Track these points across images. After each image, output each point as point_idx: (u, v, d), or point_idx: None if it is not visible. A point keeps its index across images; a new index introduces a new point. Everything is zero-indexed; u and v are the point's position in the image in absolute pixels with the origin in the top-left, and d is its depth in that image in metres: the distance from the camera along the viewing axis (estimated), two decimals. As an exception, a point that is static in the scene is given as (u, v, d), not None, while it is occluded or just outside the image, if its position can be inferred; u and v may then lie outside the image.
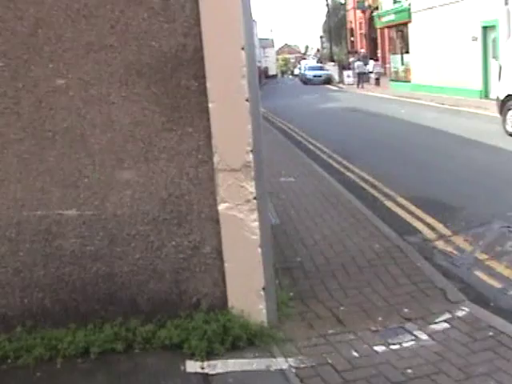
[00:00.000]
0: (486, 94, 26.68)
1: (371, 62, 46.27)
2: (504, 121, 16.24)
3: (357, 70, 46.68)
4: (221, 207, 4.82)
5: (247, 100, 4.63)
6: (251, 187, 4.76)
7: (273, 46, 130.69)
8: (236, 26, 4.57)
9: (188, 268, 4.96)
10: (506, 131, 16.03)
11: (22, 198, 4.85)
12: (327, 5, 71.00)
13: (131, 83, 4.69)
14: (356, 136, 18.04)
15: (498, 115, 16.64)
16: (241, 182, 4.76)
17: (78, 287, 4.98)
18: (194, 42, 4.66)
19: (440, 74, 31.26)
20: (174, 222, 4.88)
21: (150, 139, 4.75)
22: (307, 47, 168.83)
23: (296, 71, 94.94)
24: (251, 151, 4.70)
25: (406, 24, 36.51)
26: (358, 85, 44.87)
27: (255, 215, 4.76)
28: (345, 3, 70.84)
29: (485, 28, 26.78)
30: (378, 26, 43.66)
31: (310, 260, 7.01)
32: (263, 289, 4.94)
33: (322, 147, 16.14)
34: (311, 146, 16.70)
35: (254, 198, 4.78)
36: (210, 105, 4.67)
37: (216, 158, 4.76)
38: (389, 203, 9.82)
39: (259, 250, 4.83)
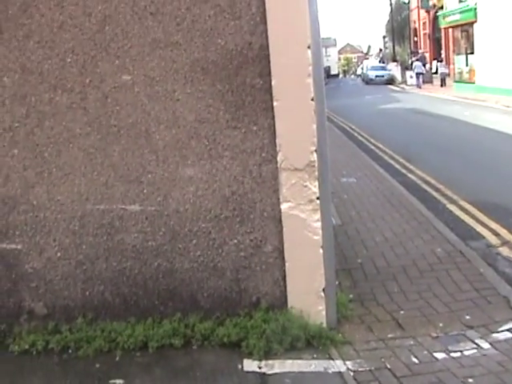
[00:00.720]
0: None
1: (434, 63, 45.96)
2: None
3: (415, 70, 46.60)
4: (283, 206, 4.78)
5: (312, 99, 4.58)
6: (314, 187, 4.71)
7: (335, 46, 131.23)
8: (302, 24, 4.52)
9: (249, 266, 4.94)
10: None
11: (86, 191, 4.90)
12: (390, 4, 70.46)
13: (196, 80, 4.69)
14: (418, 138, 17.73)
15: None
16: (304, 181, 4.71)
17: (139, 282, 5.01)
18: (260, 40, 4.63)
19: (506, 76, 30.58)
20: (236, 220, 4.86)
21: (214, 136, 4.74)
22: (369, 47, 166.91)
23: (358, 71, 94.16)
24: (315, 151, 4.65)
25: (471, 24, 35.76)
26: (416, 85, 44.89)
27: (318, 215, 4.71)
28: (408, 2, 69.64)
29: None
30: (443, 25, 42.99)
31: (370, 262, 6.91)
32: (323, 290, 4.88)
33: (384, 148, 15.94)
34: (372, 147, 16.50)
35: (317, 198, 4.73)
36: (275, 103, 4.63)
37: (280, 157, 4.72)
38: (452, 207, 9.61)
39: (321, 250, 4.77)
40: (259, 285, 4.96)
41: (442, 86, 42.12)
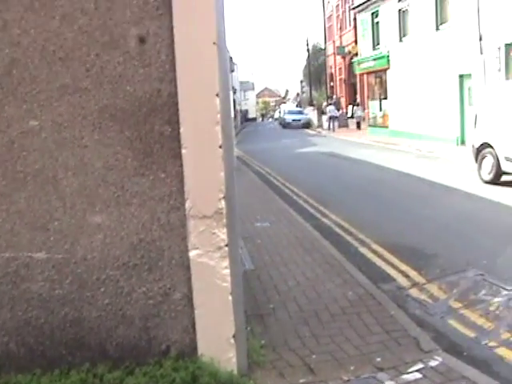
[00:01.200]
0: (462, 141, 27.14)
1: (350, 107, 47.80)
2: (479, 168, 16.47)
3: (328, 114, 50.01)
4: (192, 254, 4.82)
5: (220, 147, 4.67)
6: (223, 234, 4.77)
7: (253, 89, 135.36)
8: (211, 72, 4.63)
9: (158, 314, 4.93)
10: (482, 179, 16.25)
11: (-9, 239, 4.81)
12: (308, 50, 72.90)
13: (105, 127, 4.71)
14: (332, 181, 18.22)
15: (474, 162, 16.86)
16: (212, 228, 4.77)
17: (45, 331, 4.92)
18: (169, 88, 4.71)
19: (417, 121, 31.96)
20: (144, 268, 4.86)
21: (123, 183, 4.76)
22: (287, 91, 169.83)
23: (276, 115, 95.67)
24: (223, 198, 4.73)
25: (384, 71, 37.43)
26: (328, 128, 48.36)
27: (226, 262, 4.77)
28: (325, 49, 71.79)
29: (461, 76, 27.37)
30: (358, 72, 44.27)
31: (282, 307, 7.00)
32: (233, 336, 4.91)
33: (299, 192, 16.26)
34: (287, 191, 16.81)
35: (226, 246, 4.79)
36: (183, 150, 4.71)
37: (188, 204, 4.77)
38: (364, 249, 9.86)
39: (230, 297, 4.82)
40: (168, 333, 4.96)
41: (358, 128, 44.46)
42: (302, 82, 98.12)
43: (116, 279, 4.86)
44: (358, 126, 45.67)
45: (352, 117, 47.89)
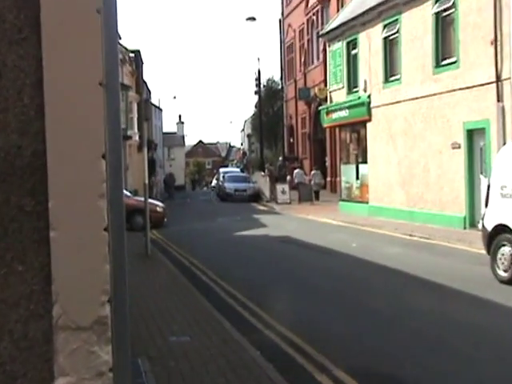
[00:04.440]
0: (471, 222, 27.30)
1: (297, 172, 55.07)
2: (493, 261, 16.20)
3: (296, 180, 53.12)
4: (59, 383, 4.74)
5: (106, 229, 4.64)
6: (106, 354, 4.70)
7: (183, 146, 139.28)
8: (96, 123, 4.57)
9: None
10: (497, 276, 15.94)
11: None
12: (259, 89, 73.75)
13: None
14: (286, 279, 18.30)
15: (486, 253, 16.65)
16: (91, 345, 4.70)
17: None
18: (34, 144, 4.67)
19: (408, 194, 32.06)
20: (-14, 407, 4.76)
21: (-40, 279, 4.69)
22: (230, 149, 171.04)
23: (213, 182, 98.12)
24: (108, 302, 4.66)
25: (363, 123, 37.62)
26: (299, 200, 49.88)
27: (111, 397, 4.69)
28: (282, 89, 72.53)
29: (470, 132, 27.72)
30: (326, 123, 44.38)
31: None
32: None
33: (236, 293, 16.27)
34: (218, 289, 17.00)
35: (110, 370, 4.72)
36: (52, 233, 4.65)
37: (56, 311, 4.70)
38: (323, 378, 9.84)
39: None
40: None
41: (316, 199, 49.90)
42: (249, 136, 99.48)
43: None
44: (317, 196, 50.01)
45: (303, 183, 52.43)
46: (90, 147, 4.58)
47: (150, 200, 34.01)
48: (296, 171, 54.58)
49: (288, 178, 56.19)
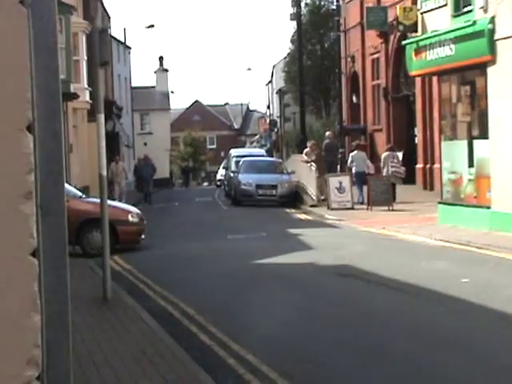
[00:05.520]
0: None
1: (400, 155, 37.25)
2: None
3: (354, 169, 36.10)
4: None
5: (34, 254, 3.20)
6: None
7: (167, 110, 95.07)
8: (13, 72, 3.13)
9: None
10: None
11: None
12: (297, 15, 50.03)
13: None
14: (350, 344, 12.43)
15: None
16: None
17: None
18: None
19: None
20: None
21: None
22: (248, 115, 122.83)
23: (219, 174, 73.19)
24: (38, 380, 3.14)
25: (481, 66, 23.90)
26: (368, 203, 33.41)
27: None
28: (338, 12, 47.52)
29: None
30: (415, 69, 28.88)
31: None
32: None
33: (259, 366, 10.75)
34: (231, 361, 11.14)
35: None
36: None
37: None
38: None
39: None
40: None
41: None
42: (281, 93, 71.17)
43: None
44: (393, 190, 33.53)
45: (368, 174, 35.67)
46: (5, 113, 3.15)
47: (114, 203, 26.26)
48: (353, 154, 36.72)
49: (349, 162, 37.17)
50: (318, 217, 34.38)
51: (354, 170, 36.31)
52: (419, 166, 39.87)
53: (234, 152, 55.69)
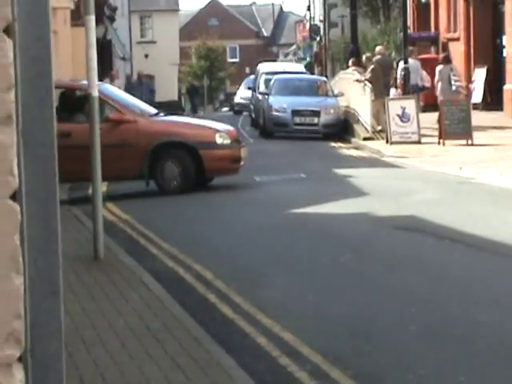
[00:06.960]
0: None
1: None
2: None
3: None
4: None
5: (13, 196, 2.88)
6: None
7: (175, 11, 79.21)
8: None
9: None
10: None
11: None
12: None
13: None
14: (421, 324, 9.49)
15: None
16: None
17: None
18: None
19: None
20: None
21: None
22: (281, 17, 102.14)
23: (238, 96, 61.21)
24: (19, 360, 2.86)
25: None
26: (440, 135, 27.45)
27: None
28: None
29: None
30: None
31: None
32: None
33: (301, 350, 8.88)
34: (262, 340, 9.27)
35: None
36: None
37: None
38: None
39: None
40: None
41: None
42: None
43: None
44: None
45: (423, 89, 30.93)
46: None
47: (193, 120, 22.93)
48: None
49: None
50: (373, 153, 28.87)
51: (413, 81, 30.66)
52: (508, 86, 31.59)
53: (262, 67, 46.59)
